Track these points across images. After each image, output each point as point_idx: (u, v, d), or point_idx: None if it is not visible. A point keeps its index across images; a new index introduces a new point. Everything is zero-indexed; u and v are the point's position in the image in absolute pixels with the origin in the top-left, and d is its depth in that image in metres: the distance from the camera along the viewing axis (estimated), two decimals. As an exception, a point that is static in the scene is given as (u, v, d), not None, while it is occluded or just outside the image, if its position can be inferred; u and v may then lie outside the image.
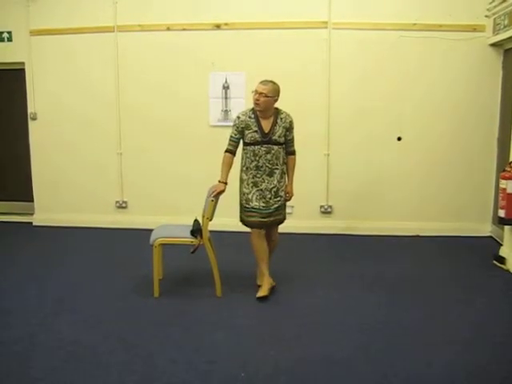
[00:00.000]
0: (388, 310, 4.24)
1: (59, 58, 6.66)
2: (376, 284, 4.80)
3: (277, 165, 4.44)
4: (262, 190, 4.43)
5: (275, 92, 4.39)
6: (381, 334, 3.81)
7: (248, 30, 6.32)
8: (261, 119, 4.42)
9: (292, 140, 4.55)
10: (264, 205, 4.43)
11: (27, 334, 3.78)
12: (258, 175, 4.43)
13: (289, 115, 4.50)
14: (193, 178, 6.47)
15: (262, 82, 4.42)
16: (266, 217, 4.45)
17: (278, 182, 4.46)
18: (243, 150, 4.49)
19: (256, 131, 4.39)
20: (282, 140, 4.44)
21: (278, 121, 4.44)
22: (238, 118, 4.46)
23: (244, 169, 4.48)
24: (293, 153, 4.58)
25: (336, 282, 4.86)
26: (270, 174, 4.43)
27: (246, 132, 4.41)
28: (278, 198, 4.48)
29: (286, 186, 4.58)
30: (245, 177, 4.47)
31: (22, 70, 6.75)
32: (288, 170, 4.58)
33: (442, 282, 4.88)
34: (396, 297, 4.49)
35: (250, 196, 4.45)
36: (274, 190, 4.45)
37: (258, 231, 4.47)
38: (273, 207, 4.46)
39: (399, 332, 3.84)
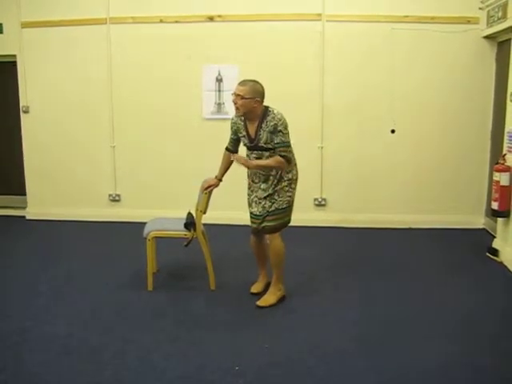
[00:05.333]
0: (383, 303, 4.25)
1: (51, 50, 6.60)
2: (370, 277, 4.81)
3: (271, 170, 4.07)
4: (257, 196, 4.16)
5: (255, 93, 3.95)
6: (377, 328, 3.82)
7: (241, 22, 6.28)
8: (248, 123, 4.09)
9: (280, 145, 3.97)
10: (261, 209, 4.12)
11: (21, 328, 3.77)
12: (256, 181, 4.17)
13: (275, 117, 3.97)
14: (186, 171, 6.45)
15: (240, 83, 4.01)
16: (258, 223, 4.17)
17: (273, 189, 4.09)
18: None
19: (244, 136, 4.14)
20: (270, 146, 4.02)
21: (263, 125, 4.00)
22: (232, 119, 4.24)
23: (247, 171, 4.25)
24: (277, 155, 4.02)
25: (330, 275, 4.86)
26: (265, 181, 4.12)
27: (239, 135, 4.20)
28: (273, 201, 4.10)
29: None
30: (247, 179, 4.29)
31: (14, 63, 6.69)
32: (268, 160, 4.04)
33: (436, 274, 4.89)
34: (391, 290, 4.51)
35: (249, 200, 4.25)
36: (268, 196, 4.11)
37: (252, 236, 4.34)
38: (270, 210, 4.10)
39: (395, 326, 3.85)
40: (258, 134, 4.03)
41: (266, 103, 4.09)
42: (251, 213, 4.23)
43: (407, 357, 3.40)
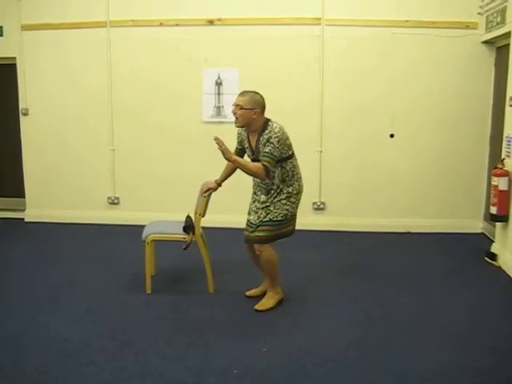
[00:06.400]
0: (381, 305, 4.25)
1: (51, 53, 6.61)
2: (368, 280, 4.81)
3: (273, 184, 4.03)
4: (256, 206, 4.12)
5: (255, 103, 3.92)
6: (374, 331, 3.82)
7: (241, 25, 6.30)
8: (250, 135, 4.07)
9: (266, 154, 3.88)
10: (256, 218, 4.07)
11: (19, 331, 3.76)
12: (258, 193, 4.14)
13: (272, 130, 3.90)
14: (185, 174, 6.45)
15: (240, 93, 4.00)
16: (250, 231, 4.11)
17: (271, 201, 4.03)
18: None
19: (248, 147, 4.13)
20: None
21: (261, 138, 3.95)
22: (238, 129, 4.17)
23: (252, 183, 4.23)
24: (260, 163, 3.91)
25: (329, 279, 4.87)
26: (266, 194, 4.08)
27: (244, 146, 4.18)
28: (269, 212, 4.04)
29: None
30: (252, 189, 4.26)
31: (14, 65, 6.70)
32: (251, 163, 4.00)
33: (435, 278, 4.90)
34: (388, 293, 4.51)
35: (249, 209, 4.20)
36: (265, 207, 4.06)
37: (245, 244, 4.27)
38: (264, 220, 4.04)
39: (393, 328, 3.85)
40: (258, 147, 4.01)
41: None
42: (247, 220, 4.19)
43: (407, 359, 3.40)
